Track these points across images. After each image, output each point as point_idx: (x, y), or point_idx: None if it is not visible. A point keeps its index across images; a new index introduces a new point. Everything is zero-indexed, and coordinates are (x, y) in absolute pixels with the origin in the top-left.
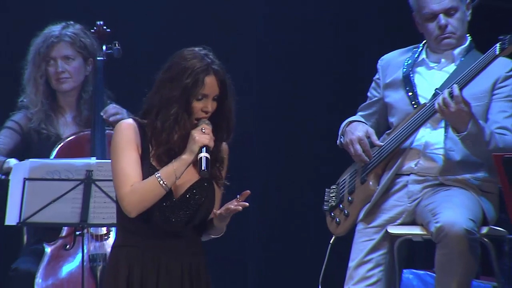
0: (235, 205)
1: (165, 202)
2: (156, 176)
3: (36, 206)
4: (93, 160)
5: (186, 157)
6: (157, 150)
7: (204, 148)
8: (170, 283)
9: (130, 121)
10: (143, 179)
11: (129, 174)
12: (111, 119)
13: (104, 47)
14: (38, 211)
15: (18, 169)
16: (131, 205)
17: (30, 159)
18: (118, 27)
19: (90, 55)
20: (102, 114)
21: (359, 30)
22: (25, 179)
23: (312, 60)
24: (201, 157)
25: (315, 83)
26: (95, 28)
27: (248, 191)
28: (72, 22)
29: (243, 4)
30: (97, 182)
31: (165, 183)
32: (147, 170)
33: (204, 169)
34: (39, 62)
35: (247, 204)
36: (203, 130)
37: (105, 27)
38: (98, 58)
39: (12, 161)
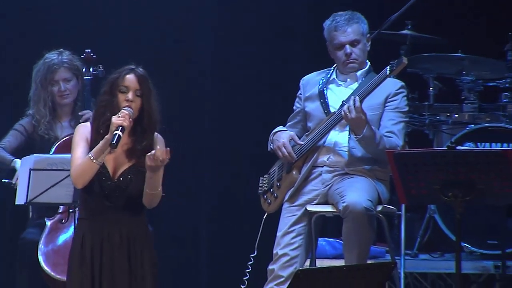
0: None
1: (106, 182)
2: (89, 155)
3: (39, 190)
4: None
5: (108, 136)
6: (99, 137)
7: (120, 128)
8: (111, 248)
9: (86, 123)
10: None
11: (77, 158)
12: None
13: (91, 69)
14: (40, 193)
15: (26, 162)
16: (75, 179)
17: (35, 154)
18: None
19: (80, 74)
20: (80, 120)
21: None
22: (30, 170)
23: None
24: (114, 133)
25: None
26: (84, 54)
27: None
28: (62, 50)
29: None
30: None
31: (94, 158)
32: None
33: (113, 143)
34: (46, 85)
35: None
36: (120, 114)
37: (92, 54)
38: (86, 78)
39: (18, 162)
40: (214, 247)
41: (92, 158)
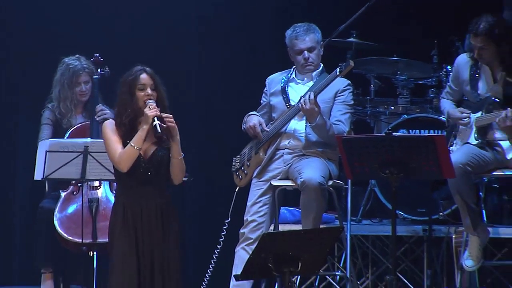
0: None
1: (141, 164)
2: (130, 144)
3: (54, 167)
4: (89, 140)
5: (145, 127)
6: (123, 130)
7: (155, 118)
8: (148, 217)
9: (110, 120)
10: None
11: (115, 149)
12: (98, 114)
13: (99, 70)
14: (55, 170)
15: (43, 145)
16: (122, 164)
17: (50, 139)
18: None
19: (93, 76)
20: (97, 112)
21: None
22: (46, 151)
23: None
24: (155, 125)
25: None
26: (93, 58)
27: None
28: (79, 55)
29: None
30: (91, 153)
31: (136, 146)
32: (125, 143)
33: (159, 132)
34: (72, 86)
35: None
36: (150, 107)
37: (100, 57)
38: (94, 77)
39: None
40: (196, 215)
41: (134, 146)
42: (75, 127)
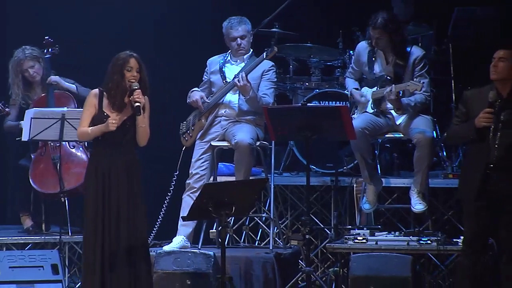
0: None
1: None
2: (88, 130)
3: (37, 131)
4: (65, 109)
5: (103, 129)
6: (110, 100)
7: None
8: (116, 172)
9: (95, 90)
10: (98, 123)
11: (82, 120)
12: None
13: (50, 49)
14: (38, 133)
15: (28, 113)
16: (79, 138)
17: (34, 108)
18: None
19: (40, 58)
20: (47, 82)
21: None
22: (31, 118)
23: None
24: (137, 106)
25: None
26: (45, 40)
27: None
28: (24, 46)
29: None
30: (67, 120)
31: (91, 133)
32: (101, 117)
33: (139, 113)
34: (18, 73)
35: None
36: (135, 92)
37: (50, 39)
38: (46, 56)
39: (21, 123)
40: (150, 170)
41: (90, 133)
42: (34, 100)
